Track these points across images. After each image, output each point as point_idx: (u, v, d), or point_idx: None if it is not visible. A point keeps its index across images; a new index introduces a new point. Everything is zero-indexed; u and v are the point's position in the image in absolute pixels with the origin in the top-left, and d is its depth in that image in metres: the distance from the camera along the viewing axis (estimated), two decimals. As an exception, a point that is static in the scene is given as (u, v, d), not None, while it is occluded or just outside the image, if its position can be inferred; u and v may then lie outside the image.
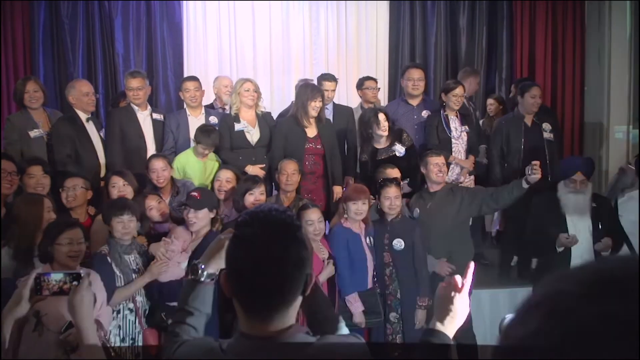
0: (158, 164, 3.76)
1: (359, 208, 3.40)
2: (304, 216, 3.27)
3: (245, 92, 4.15)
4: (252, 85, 4.19)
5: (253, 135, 4.20)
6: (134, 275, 3.03)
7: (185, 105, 4.52)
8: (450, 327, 1.28)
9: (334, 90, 4.76)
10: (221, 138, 4.12)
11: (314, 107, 4.02)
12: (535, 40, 6.19)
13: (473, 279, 1.33)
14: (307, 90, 4.10)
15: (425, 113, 4.62)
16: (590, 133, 6.34)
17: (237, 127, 4.16)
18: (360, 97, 5.03)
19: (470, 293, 1.33)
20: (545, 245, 3.62)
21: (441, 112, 4.47)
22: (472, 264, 1.37)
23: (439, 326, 1.28)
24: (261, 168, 4.11)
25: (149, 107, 4.49)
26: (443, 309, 1.29)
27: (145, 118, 4.39)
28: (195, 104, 4.47)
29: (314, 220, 3.26)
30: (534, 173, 3.44)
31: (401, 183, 3.75)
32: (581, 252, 3.51)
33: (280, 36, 5.96)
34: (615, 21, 6.39)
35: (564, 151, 5.70)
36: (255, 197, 3.49)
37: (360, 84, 5.04)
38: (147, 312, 3.10)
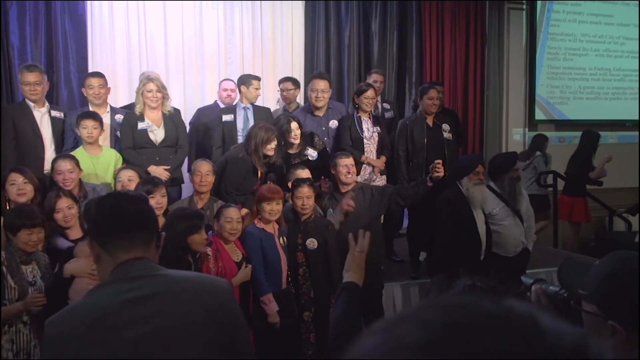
0: (65, 165, 3.50)
1: (272, 208, 3.40)
2: (223, 213, 3.29)
3: (147, 93, 4.00)
4: (155, 86, 4.02)
5: (157, 134, 4.06)
6: (30, 289, 2.79)
7: (88, 103, 4.28)
8: (359, 278, 1.69)
9: (258, 89, 4.70)
10: (123, 137, 3.94)
11: (269, 149, 3.90)
12: (443, 45, 6.50)
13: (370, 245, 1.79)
14: (261, 132, 3.89)
15: (332, 123, 4.63)
16: (490, 134, 6.78)
17: (141, 125, 4.00)
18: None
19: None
20: (452, 240, 3.81)
21: (354, 113, 4.58)
22: (367, 234, 1.80)
23: (352, 278, 1.68)
24: (165, 169, 3.98)
25: (46, 103, 4.19)
26: (352, 265, 1.72)
27: (42, 115, 4.09)
28: (99, 101, 4.24)
29: (232, 219, 3.27)
30: (437, 172, 3.61)
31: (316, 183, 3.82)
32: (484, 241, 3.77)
33: (193, 34, 5.78)
34: (513, 30, 6.89)
35: (468, 151, 6.04)
36: (157, 200, 3.30)
37: (279, 85, 5.08)
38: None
